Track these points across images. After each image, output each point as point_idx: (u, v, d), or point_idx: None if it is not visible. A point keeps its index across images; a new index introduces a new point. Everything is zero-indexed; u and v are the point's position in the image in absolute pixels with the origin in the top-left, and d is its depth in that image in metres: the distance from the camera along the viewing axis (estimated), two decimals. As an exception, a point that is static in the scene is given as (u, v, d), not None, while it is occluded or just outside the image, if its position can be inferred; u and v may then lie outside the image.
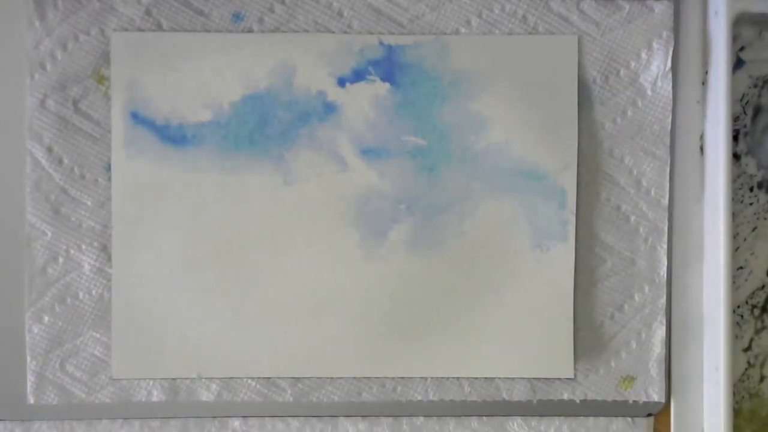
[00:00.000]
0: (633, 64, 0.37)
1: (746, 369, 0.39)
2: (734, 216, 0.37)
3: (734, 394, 0.37)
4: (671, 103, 0.37)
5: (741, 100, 0.38)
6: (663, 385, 0.37)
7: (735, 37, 0.37)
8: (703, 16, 0.37)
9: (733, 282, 0.36)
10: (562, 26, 0.37)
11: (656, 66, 0.37)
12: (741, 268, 0.38)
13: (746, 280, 0.38)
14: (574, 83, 0.36)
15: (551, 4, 0.36)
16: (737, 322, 0.38)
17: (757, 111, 0.38)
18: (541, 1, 0.36)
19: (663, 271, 0.37)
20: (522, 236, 0.36)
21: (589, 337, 0.37)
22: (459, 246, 0.36)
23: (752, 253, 0.38)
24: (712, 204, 0.36)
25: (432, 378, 0.37)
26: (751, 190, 0.38)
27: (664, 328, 0.37)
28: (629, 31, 0.37)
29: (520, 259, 0.36)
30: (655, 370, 0.37)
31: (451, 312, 0.36)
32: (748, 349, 0.39)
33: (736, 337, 0.39)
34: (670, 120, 0.37)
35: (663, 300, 0.37)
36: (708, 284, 0.37)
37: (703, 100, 0.37)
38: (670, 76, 0.37)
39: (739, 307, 0.39)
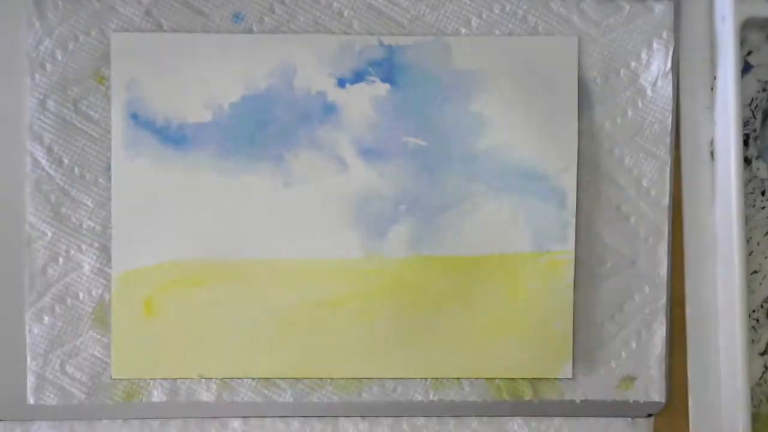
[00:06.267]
0: (633, 64, 0.37)
1: (763, 373, 0.38)
2: (747, 220, 0.37)
3: (752, 398, 0.36)
4: (672, 103, 0.37)
5: (750, 104, 0.38)
6: (663, 385, 0.37)
7: (742, 42, 0.37)
8: (710, 20, 0.37)
9: (748, 286, 0.36)
10: (562, 26, 0.36)
11: (656, 66, 0.37)
12: (755, 272, 0.38)
13: (761, 284, 0.38)
14: (574, 83, 0.36)
15: (551, 5, 0.36)
16: (753, 327, 0.38)
17: (767, 115, 0.38)
18: (541, 2, 0.36)
19: (663, 272, 0.37)
20: (522, 237, 0.36)
21: (589, 337, 0.37)
22: (459, 246, 0.36)
23: (766, 257, 0.38)
24: (725, 209, 0.36)
25: (432, 378, 0.37)
26: (763, 194, 0.38)
27: (664, 328, 0.37)
28: (629, 31, 0.37)
29: (520, 259, 0.36)
30: (655, 370, 0.37)
31: (451, 312, 0.36)
32: (764, 353, 0.38)
33: (752, 341, 0.38)
34: (670, 120, 0.37)
35: (663, 300, 0.37)
36: (722, 289, 0.37)
37: (712, 106, 0.37)
38: (670, 76, 0.37)
39: (754, 311, 0.38)
